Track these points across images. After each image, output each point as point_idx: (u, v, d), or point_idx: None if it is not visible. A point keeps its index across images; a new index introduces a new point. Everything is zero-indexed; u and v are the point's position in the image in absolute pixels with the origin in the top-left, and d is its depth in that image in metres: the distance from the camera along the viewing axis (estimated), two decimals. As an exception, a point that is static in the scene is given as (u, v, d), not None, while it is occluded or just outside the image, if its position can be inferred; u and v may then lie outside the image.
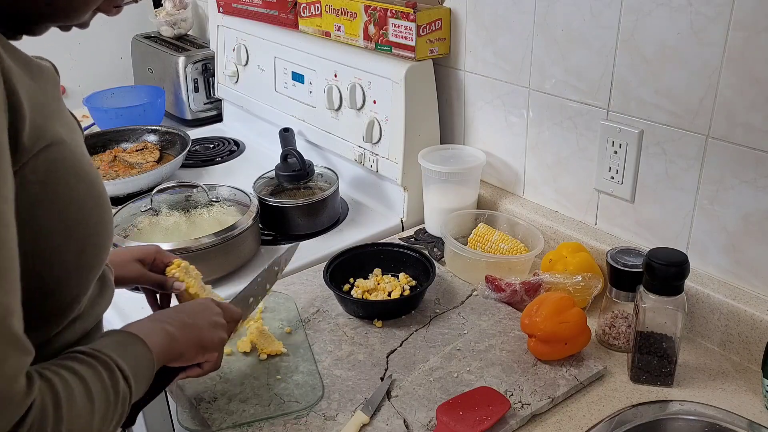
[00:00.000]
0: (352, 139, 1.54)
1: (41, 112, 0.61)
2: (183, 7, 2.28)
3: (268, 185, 1.49)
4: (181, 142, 1.79)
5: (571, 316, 1.02)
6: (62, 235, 0.64)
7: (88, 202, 0.66)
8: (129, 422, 0.79)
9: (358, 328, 1.13)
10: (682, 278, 0.94)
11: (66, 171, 0.63)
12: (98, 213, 0.68)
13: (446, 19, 1.39)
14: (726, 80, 0.99)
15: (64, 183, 0.63)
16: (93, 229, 0.67)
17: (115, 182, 1.57)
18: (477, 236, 1.29)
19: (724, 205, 1.06)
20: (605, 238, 1.23)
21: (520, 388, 0.98)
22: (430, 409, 0.94)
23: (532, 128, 1.32)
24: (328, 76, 1.57)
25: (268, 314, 1.16)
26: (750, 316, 1.01)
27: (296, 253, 1.37)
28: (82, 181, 0.65)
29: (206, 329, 0.84)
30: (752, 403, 0.96)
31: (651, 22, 1.06)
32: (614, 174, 1.19)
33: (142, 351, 0.71)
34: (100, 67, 2.36)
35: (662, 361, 0.99)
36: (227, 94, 2.03)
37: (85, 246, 0.66)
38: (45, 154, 0.61)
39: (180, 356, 0.79)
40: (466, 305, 1.18)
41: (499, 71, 1.34)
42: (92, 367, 0.63)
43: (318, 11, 1.58)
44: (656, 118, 1.10)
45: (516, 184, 1.41)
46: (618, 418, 0.94)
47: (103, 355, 0.65)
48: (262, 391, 0.98)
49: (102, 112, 1.97)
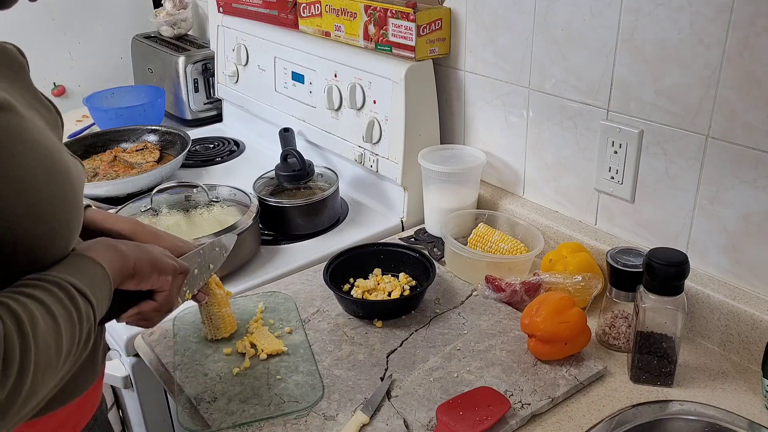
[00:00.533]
0: (352, 139, 1.54)
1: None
2: (183, 7, 2.28)
3: (268, 185, 1.49)
4: (181, 142, 1.79)
5: (571, 316, 1.02)
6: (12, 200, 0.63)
7: (39, 170, 0.66)
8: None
9: (358, 328, 1.13)
10: (682, 278, 0.94)
11: (11, 139, 0.63)
12: (51, 181, 0.67)
13: (446, 19, 1.39)
14: (726, 80, 0.99)
15: (9, 149, 0.63)
16: (47, 196, 0.67)
17: (115, 182, 1.57)
18: (477, 236, 1.29)
19: (724, 205, 1.06)
20: (605, 238, 1.23)
21: (520, 388, 0.98)
22: (430, 409, 0.94)
23: (532, 128, 1.32)
24: (328, 76, 1.57)
25: (268, 314, 1.16)
26: (750, 316, 1.01)
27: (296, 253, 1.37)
28: (31, 150, 0.65)
29: (158, 253, 0.83)
30: (752, 403, 0.96)
31: (651, 22, 1.06)
32: (614, 174, 1.19)
33: (93, 267, 0.70)
34: (100, 67, 2.36)
35: (662, 361, 0.99)
36: (227, 94, 2.03)
37: (39, 212, 0.66)
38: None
39: (133, 274, 0.77)
40: (466, 305, 1.18)
41: (499, 71, 1.34)
42: (46, 290, 0.63)
43: (318, 11, 1.58)
44: (656, 118, 1.10)
45: (516, 184, 1.41)
46: (618, 418, 0.94)
47: (54, 277, 0.65)
48: (262, 391, 0.98)
49: (102, 112, 1.97)
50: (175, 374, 1.03)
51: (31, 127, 0.67)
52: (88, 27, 2.28)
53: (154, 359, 1.09)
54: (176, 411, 0.98)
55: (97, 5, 2.31)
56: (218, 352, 1.07)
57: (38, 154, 0.66)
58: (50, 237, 0.68)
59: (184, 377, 1.02)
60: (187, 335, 1.11)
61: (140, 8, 2.40)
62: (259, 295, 1.21)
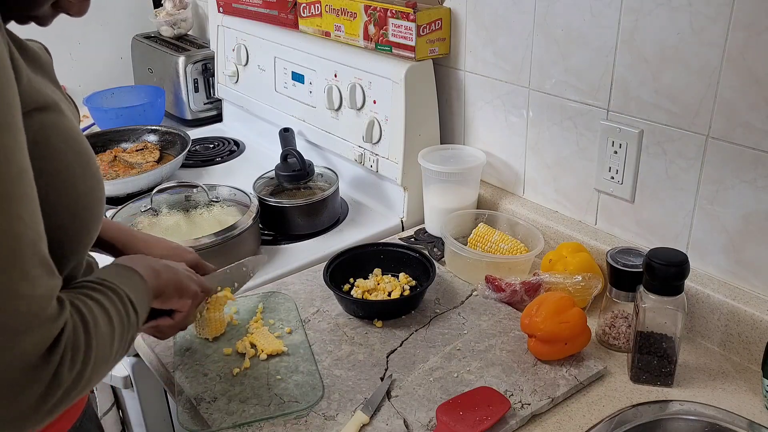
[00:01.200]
0: (352, 139, 1.54)
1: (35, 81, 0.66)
2: (183, 7, 2.28)
3: (268, 185, 1.49)
4: (181, 142, 1.79)
5: (571, 316, 1.02)
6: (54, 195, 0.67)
7: (77, 167, 0.70)
8: None
9: (358, 328, 1.13)
10: (682, 278, 0.94)
11: (57, 136, 0.67)
12: (86, 178, 0.72)
13: (446, 19, 1.39)
14: (726, 80, 0.99)
15: (55, 146, 0.67)
16: (83, 192, 0.71)
17: (115, 182, 1.57)
18: (477, 236, 1.29)
19: (724, 205, 1.06)
20: (605, 238, 1.23)
21: (520, 388, 0.98)
22: (430, 409, 0.94)
23: (532, 128, 1.32)
24: (328, 76, 1.57)
25: (268, 314, 1.16)
26: (750, 316, 1.01)
27: (296, 253, 1.37)
28: (71, 148, 0.69)
29: (184, 276, 0.90)
30: (752, 403, 0.96)
31: (651, 22, 1.06)
32: (614, 174, 1.19)
33: (140, 282, 0.77)
34: (100, 67, 2.36)
35: (662, 361, 0.99)
36: (227, 94, 2.03)
37: (74, 207, 0.70)
38: (39, 116, 0.65)
39: (161, 293, 0.83)
40: (466, 305, 1.18)
41: (499, 71, 1.34)
42: (107, 296, 0.69)
43: (318, 11, 1.58)
44: (656, 118, 1.10)
45: (516, 184, 1.41)
46: (618, 418, 0.94)
47: (112, 284, 0.71)
48: (262, 391, 0.98)
49: (102, 112, 1.97)
50: (175, 374, 1.03)
51: (71, 126, 0.71)
52: (88, 27, 2.28)
53: (154, 359, 1.09)
54: (176, 411, 0.98)
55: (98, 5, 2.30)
56: (218, 352, 1.07)
57: (76, 153, 0.70)
58: (80, 233, 0.73)
59: (184, 377, 1.02)
60: (187, 335, 1.11)
61: (140, 8, 2.40)
62: (259, 295, 1.21)
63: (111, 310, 0.67)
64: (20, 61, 0.63)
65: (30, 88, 0.64)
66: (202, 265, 1.05)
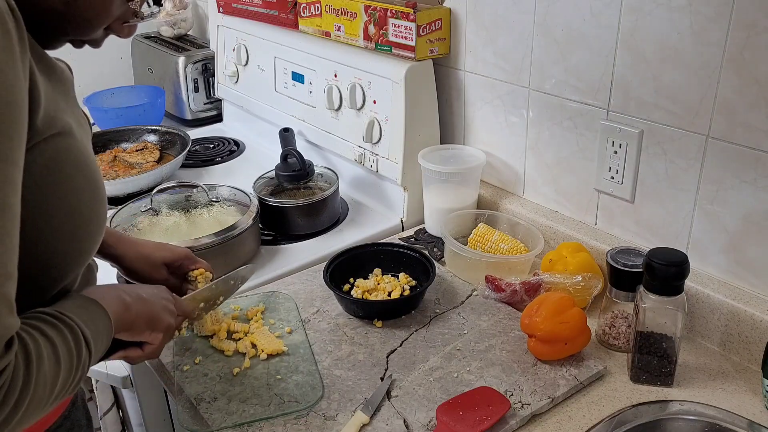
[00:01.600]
0: (352, 139, 1.54)
1: (55, 105, 0.67)
2: (183, 7, 2.28)
3: (268, 185, 1.49)
4: (181, 142, 1.79)
5: (571, 316, 1.02)
6: (59, 219, 0.68)
7: (85, 193, 0.71)
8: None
9: (358, 328, 1.13)
10: (682, 278, 0.94)
11: (69, 161, 0.68)
12: (93, 204, 0.72)
13: (446, 19, 1.39)
14: (726, 80, 0.99)
15: (66, 171, 0.68)
16: (87, 218, 0.72)
17: (115, 182, 1.57)
18: (477, 236, 1.29)
19: (724, 205, 1.06)
20: (605, 238, 1.23)
21: (520, 388, 0.98)
22: (430, 409, 0.94)
23: (532, 128, 1.32)
24: (328, 76, 1.57)
25: (268, 314, 1.16)
26: (750, 316, 1.01)
27: (296, 253, 1.37)
28: (81, 173, 0.70)
29: (159, 308, 0.85)
30: (752, 403, 0.96)
31: (651, 22, 1.06)
32: (614, 174, 1.19)
33: (102, 318, 0.73)
34: (100, 67, 2.36)
35: (662, 361, 0.99)
36: (227, 94, 2.03)
37: (77, 231, 0.71)
38: (54, 141, 0.66)
39: (130, 327, 0.80)
40: (466, 305, 1.18)
41: (499, 71, 1.34)
42: (60, 331, 0.65)
43: (318, 11, 1.58)
44: (656, 118, 1.10)
45: (516, 184, 1.41)
46: (618, 418, 0.94)
47: (69, 320, 0.67)
48: (262, 391, 0.98)
49: (102, 112, 1.97)
50: (175, 374, 1.03)
51: (84, 150, 0.71)
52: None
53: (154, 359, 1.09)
54: (176, 411, 0.98)
55: (97, 5, 2.30)
56: (218, 352, 1.07)
57: (86, 178, 0.71)
58: (78, 257, 0.73)
59: (184, 377, 1.02)
60: (187, 335, 1.10)
61: (140, 8, 2.39)
62: (259, 295, 1.21)
63: (61, 348, 0.64)
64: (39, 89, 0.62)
65: (46, 115, 0.64)
66: (193, 259, 1.04)
